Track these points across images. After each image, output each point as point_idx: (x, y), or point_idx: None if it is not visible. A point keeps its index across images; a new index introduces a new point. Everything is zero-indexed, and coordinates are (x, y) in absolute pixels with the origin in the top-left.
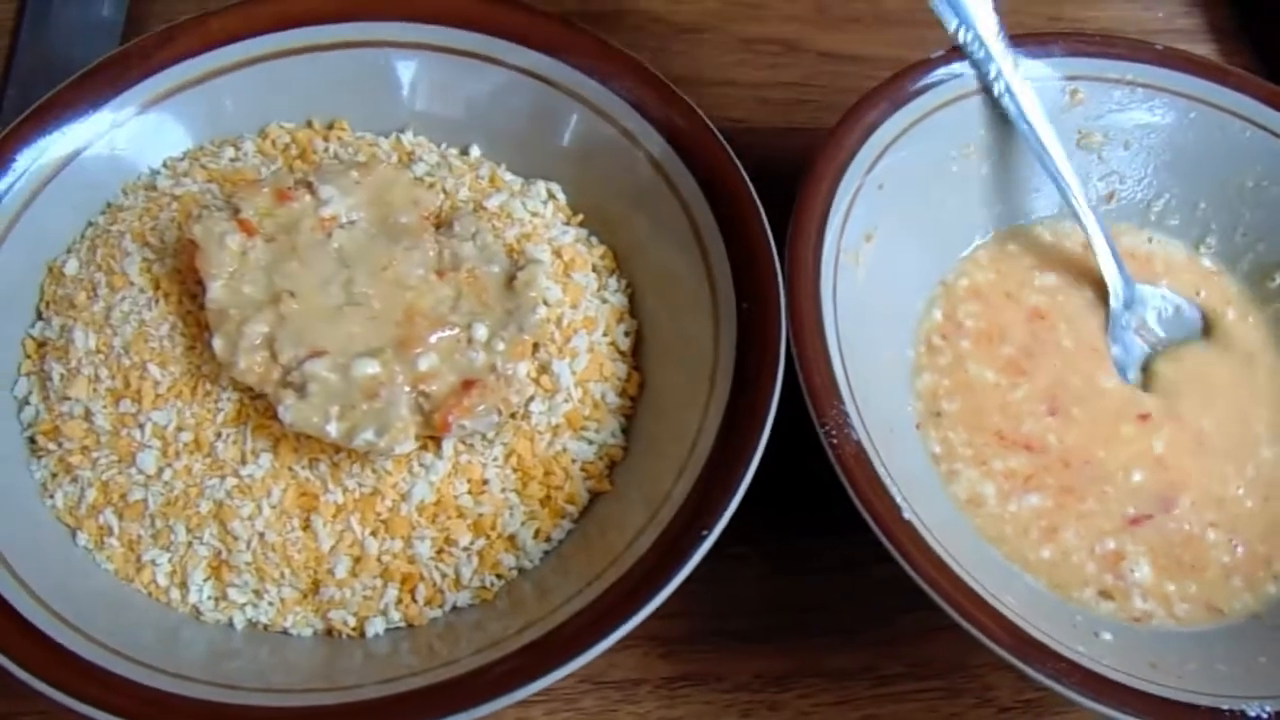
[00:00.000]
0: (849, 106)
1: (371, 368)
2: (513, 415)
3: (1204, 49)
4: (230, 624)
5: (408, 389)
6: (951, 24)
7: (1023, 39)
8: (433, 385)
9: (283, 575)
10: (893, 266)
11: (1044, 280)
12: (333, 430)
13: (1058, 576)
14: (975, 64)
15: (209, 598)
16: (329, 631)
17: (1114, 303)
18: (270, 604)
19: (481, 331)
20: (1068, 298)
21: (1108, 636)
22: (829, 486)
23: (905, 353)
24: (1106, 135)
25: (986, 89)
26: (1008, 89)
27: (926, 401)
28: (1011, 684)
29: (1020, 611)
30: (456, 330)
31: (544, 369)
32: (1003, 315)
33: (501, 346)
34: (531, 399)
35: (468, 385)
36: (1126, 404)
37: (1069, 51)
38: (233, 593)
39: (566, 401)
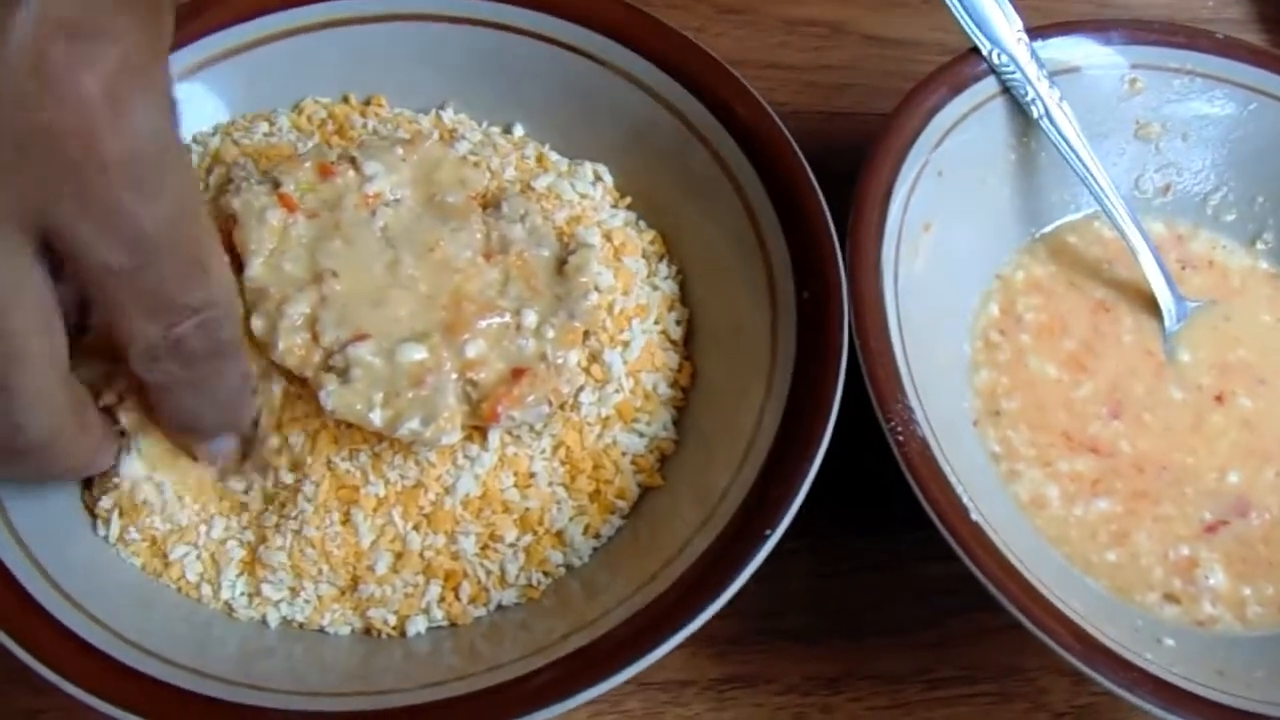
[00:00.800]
0: (907, 91)
1: (418, 353)
2: (562, 406)
3: (1254, 39)
4: (264, 621)
5: (455, 376)
6: (985, 48)
7: (1082, 25)
8: (481, 373)
9: (320, 571)
10: (950, 259)
11: (1108, 272)
12: (376, 418)
13: (1120, 579)
14: (1012, 86)
15: (242, 594)
16: (368, 630)
17: (1168, 322)
18: (306, 601)
19: (531, 318)
20: (1132, 291)
21: (1170, 642)
22: (885, 482)
23: (961, 348)
24: (1165, 126)
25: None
26: (1046, 113)
27: (985, 399)
28: (1065, 688)
29: (1085, 615)
30: (505, 316)
31: (595, 358)
32: (1064, 305)
33: (551, 334)
34: (581, 389)
35: (517, 374)
36: (1198, 397)
37: (1129, 39)
38: (267, 589)
39: (617, 392)
